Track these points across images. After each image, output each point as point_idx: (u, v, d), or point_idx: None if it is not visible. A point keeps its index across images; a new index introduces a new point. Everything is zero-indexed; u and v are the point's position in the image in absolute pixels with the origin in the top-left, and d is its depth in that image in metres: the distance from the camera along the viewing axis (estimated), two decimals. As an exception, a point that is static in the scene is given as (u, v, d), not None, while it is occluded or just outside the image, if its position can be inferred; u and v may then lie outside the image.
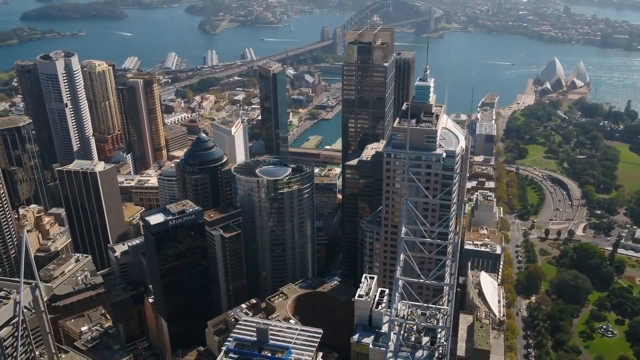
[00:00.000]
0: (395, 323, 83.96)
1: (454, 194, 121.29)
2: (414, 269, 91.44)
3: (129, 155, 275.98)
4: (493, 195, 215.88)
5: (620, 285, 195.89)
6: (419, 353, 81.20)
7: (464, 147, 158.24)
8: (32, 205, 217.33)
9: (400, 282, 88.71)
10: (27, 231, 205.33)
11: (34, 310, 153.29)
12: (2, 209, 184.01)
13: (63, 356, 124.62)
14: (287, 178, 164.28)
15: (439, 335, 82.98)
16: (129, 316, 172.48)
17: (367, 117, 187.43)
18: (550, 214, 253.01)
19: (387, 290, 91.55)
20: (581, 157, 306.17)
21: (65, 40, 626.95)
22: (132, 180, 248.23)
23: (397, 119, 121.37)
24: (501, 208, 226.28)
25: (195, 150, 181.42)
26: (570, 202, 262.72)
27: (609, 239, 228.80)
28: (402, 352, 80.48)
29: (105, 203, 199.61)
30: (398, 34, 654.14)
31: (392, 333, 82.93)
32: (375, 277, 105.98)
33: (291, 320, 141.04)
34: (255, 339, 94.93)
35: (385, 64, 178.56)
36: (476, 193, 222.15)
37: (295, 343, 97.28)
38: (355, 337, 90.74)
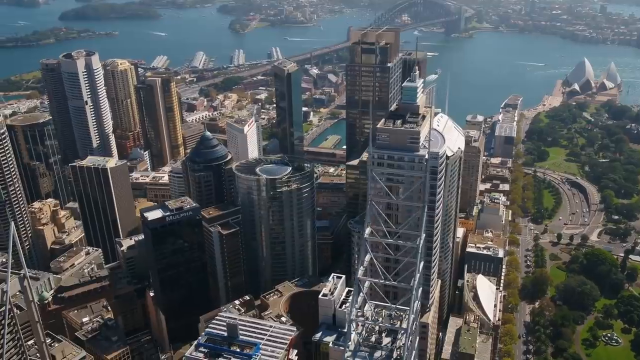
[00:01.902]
0: (358, 323, 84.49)
1: (439, 195, 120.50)
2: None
3: (147, 152, 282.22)
4: (500, 198, 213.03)
5: (631, 293, 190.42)
6: (377, 354, 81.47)
7: (462, 149, 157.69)
8: (49, 200, 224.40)
9: (367, 283, 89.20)
10: (43, 224, 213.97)
11: (37, 301, 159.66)
12: (16, 202, 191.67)
13: (56, 345, 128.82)
14: (286, 177, 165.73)
15: (399, 337, 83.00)
16: (133, 309, 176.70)
17: (371, 118, 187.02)
18: (566, 219, 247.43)
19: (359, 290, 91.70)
20: (604, 160, 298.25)
21: (100, 40, 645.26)
22: (147, 176, 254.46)
23: (382, 120, 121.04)
24: (510, 211, 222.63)
25: (199, 149, 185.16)
26: (587, 207, 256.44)
27: (624, 245, 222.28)
28: (361, 352, 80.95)
29: (116, 198, 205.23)
30: (427, 34, 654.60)
31: (353, 333, 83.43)
32: (343, 276, 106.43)
33: (282, 318, 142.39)
34: (226, 334, 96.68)
35: (389, 65, 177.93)
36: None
37: (267, 340, 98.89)
38: (318, 335, 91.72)
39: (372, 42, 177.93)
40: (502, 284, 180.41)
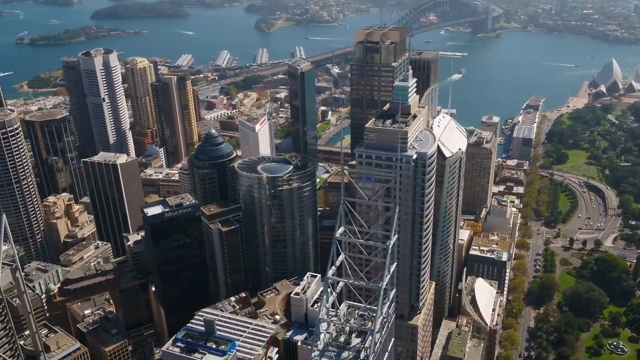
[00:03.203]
0: (328, 323, 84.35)
1: (428, 196, 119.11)
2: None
3: (162, 149, 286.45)
4: (509, 200, 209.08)
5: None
6: (345, 354, 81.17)
7: (462, 149, 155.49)
8: (64, 194, 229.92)
9: (340, 283, 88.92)
10: (57, 218, 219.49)
11: (42, 294, 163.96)
12: (29, 196, 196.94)
13: (52, 336, 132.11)
14: (287, 175, 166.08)
15: (368, 338, 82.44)
16: (137, 303, 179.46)
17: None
18: (581, 223, 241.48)
19: (329, 289, 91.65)
20: (625, 164, 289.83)
21: (128, 38, 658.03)
22: (161, 173, 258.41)
23: (372, 119, 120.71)
24: (519, 214, 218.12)
25: (205, 146, 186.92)
26: (604, 211, 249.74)
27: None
28: (328, 352, 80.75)
29: (126, 193, 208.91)
30: (453, 33, 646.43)
31: (323, 332, 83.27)
32: (318, 275, 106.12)
33: (277, 316, 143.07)
34: (204, 329, 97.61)
35: (394, 64, 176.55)
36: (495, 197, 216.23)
37: (246, 337, 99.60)
38: (288, 334, 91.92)
39: (376, 41, 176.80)
40: (505, 288, 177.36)
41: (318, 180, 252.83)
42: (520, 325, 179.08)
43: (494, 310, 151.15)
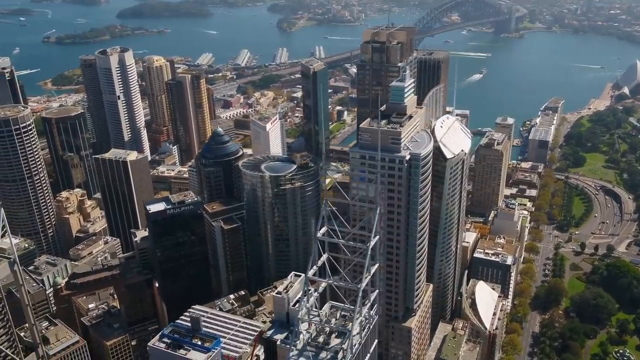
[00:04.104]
0: (310, 322, 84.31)
1: (423, 197, 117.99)
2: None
3: (175, 146, 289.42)
4: (517, 204, 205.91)
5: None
6: (323, 354, 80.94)
7: (465, 151, 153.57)
8: (76, 190, 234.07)
9: (323, 283, 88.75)
10: (69, 213, 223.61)
11: (49, 288, 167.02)
12: (41, 191, 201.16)
13: (52, 328, 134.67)
14: (290, 174, 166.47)
15: (347, 339, 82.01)
16: (142, 298, 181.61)
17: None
18: (594, 227, 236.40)
19: (311, 289, 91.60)
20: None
21: (152, 37, 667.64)
22: (173, 170, 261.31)
23: (367, 119, 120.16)
24: (528, 217, 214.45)
25: (211, 144, 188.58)
26: (620, 216, 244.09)
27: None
28: (306, 352, 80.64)
29: (135, 190, 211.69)
30: (475, 34, 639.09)
31: (303, 332, 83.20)
32: (303, 275, 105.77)
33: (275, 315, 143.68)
34: (190, 326, 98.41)
35: (400, 64, 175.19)
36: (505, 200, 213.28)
37: (233, 335, 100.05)
38: (269, 332, 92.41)
39: (382, 41, 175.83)
40: (510, 292, 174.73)
41: (328, 180, 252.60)
42: (525, 330, 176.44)
43: (494, 314, 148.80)
